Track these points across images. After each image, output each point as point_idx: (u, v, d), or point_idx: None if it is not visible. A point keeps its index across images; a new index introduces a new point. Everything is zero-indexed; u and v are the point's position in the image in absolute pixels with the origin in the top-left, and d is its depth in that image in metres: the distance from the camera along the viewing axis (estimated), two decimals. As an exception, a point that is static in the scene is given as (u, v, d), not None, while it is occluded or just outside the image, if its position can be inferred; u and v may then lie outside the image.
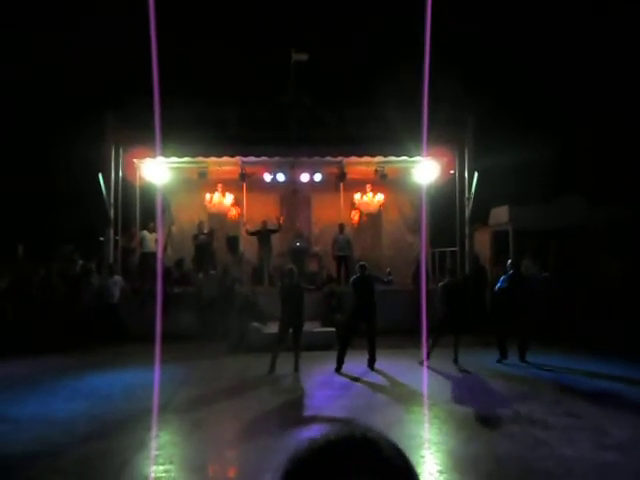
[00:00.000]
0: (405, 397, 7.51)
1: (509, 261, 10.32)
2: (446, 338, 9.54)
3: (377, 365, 9.14)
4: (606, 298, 11.96)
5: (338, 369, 8.96)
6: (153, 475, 4.80)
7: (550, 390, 7.78)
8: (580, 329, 11.44)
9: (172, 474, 4.83)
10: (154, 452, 5.32)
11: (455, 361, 9.47)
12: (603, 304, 11.89)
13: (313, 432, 0.81)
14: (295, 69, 14.73)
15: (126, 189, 14.07)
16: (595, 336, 11.15)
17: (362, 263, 9.64)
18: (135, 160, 13.95)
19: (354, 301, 9.34)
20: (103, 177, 12.98)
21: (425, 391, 7.57)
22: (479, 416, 6.55)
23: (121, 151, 13.46)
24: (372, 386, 8.15)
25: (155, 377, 7.79)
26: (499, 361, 9.60)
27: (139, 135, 12.35)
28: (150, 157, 13.29)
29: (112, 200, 13.31)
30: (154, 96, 6.81)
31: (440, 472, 4.85)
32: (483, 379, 8.53)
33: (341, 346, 9.16)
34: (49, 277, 12.21)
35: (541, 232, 13.35)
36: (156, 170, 13.61)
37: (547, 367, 9.25)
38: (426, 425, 6.20)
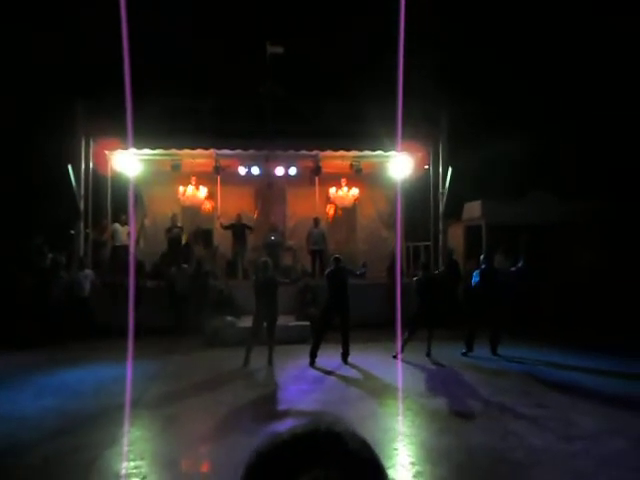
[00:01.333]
0: (378, 390, 7.56)
1: (482, 256, 10.45)
2: (420, 331, 9.63)
3: (351, 359, 9.18)
4: (577, 291, 12.21)
5: (312, 363, 8.98)
6: (124, 471, 4.73)
7: (520, 382, 7.92)
8: (550, 322, 11.67)
9: (143, 470, 4.77)
10: (125, 448, 5.25)
11: (428, 354, 9.57)
12: (574, 297, 12.14)
13: (284, 426, 0.80)
14: (271, 62, 14.63)
15: (97, 181, 13.77)
16: (564, 328, 11.40)
17: (337, 256, 9.66)
18: (106, 151, 13.67)
19: (328, 294, 9.37)
20: (73, 169, 12.69)
21: (398, 384, 7.65)
22: (451, 408, 6.63)
23: (92, 142, 13.15)
24: (346, 379, 8.18)
25: (127, 372, 7.71)
26: (465, 354, 9.73)
27: (110, 126, 12.08)
28: (122, 148, 13.03)
29: (82, 192, 13.04)
30: (126, 86, 6.68)
31: (412, 464, 4.89)
32: (455, 372, 8.64)
33: (315, 340, 9.18)
34: (18, 270, 11.92)
35: (514, 227, 13.53)
36: (128, 162, 13.36)
37: (517, 359, 9.42)
38: (399, 418, 6.26)
